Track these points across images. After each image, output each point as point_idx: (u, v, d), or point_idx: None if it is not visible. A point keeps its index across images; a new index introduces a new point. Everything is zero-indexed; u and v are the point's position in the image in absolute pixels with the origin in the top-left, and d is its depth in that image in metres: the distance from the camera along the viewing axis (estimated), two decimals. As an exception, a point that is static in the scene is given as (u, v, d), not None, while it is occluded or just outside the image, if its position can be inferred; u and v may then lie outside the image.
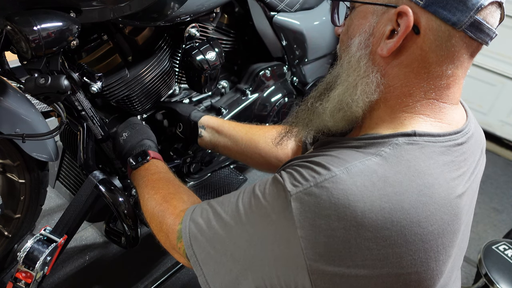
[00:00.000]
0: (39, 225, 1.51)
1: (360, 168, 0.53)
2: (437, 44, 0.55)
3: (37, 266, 0.96)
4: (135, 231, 1.15)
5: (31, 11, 0.85)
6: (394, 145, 0.55)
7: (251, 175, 1.92)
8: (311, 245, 0.52)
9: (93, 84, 1.09)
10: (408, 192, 0.52)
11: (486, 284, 1.18)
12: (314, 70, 1.79)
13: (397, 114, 0.60)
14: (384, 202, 0.51)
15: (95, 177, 1.08)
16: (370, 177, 0.52)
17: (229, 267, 0.61)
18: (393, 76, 0.59)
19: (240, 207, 0.62)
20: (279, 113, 1.65)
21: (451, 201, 0.55)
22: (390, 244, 0.51)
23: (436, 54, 0.56)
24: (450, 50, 0.56)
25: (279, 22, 1.55)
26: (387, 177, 0.52)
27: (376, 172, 0.53)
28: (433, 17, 0.54)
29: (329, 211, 0.51)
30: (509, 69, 2.40)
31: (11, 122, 1.04)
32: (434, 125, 0.59)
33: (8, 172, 1.19)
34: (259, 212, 0.58)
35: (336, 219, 0.51)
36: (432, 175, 0.54)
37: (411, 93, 0.59)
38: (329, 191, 0.52)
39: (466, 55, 0.58)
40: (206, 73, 1.29)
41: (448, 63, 0.57)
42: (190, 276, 1.47)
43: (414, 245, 0.52)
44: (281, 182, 0.57)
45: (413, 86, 0.58)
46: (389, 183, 0.52)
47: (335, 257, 0.52)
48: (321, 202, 0.52)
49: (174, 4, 1.13)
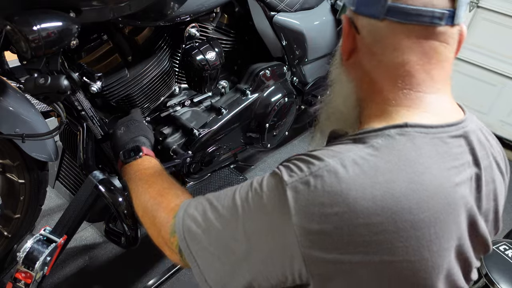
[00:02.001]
0: (39, 225, 1.51)
1: (352, 158, 0.56)
2: (373, 37, 0.62)
3: (36, 266, 0.96)
4: (135, 231, 1.15)
5: (31, 11, 0.85)
6: (386, 137, 0.58)
7: (251, 175, 1.92)
8: (305, 233, 0.54)
9: (93, 84, 1.09)
10: (399, 180, 0.54)
11: (486, 284, 1.18)
12: (314, 70, 1.79)
13: (384, 108, 0.63)
14: (375, 189, 0.53)
15: (95, 177, 1.08)
16: (362, 166, 0.55)
17: (224, 258, 0.62)
18: (361, 75, 0.66)
19: (237, 199, 0.63)
20: (279, 113, 1.65)
21: (445, 190, 0.56)
22: (381, 231, 0.53)
23: (377, 46, 0.62)
24: (385, 39, 0.61)
25: (279, 22, 1.55)
26: (378, 166, 0.55)
27: (368, 162, 0.55)
28: (361, 16, 0.63)
29: (322, 198, 0.53)
30: (509, 69, 2.40)
31: (11, 122, 1.04)
32: (422, 116, 0.61)
33: (7, 172, 1.19)
34: (256, 204, 0.60)
35: (329, 206, 0.53)
36: (423, 164, 0.56)
37: (382, 87, 0.63)
38: (323, 180, 0.54)
39: (409, 40, 0.60)
40: (206, 73, 1.29)
41: (392, 51, 0.61)
42: (190, 276, 1.47)
43: (405, 232, 0.53)
44: (278, 174, 0.59)
45: (379, 80, 0.63)
46: (380, 172, 0.55)
47: (328, 244, 0.54)
48: (315, 191, 0.54)
49: (174, 4, 1.13)
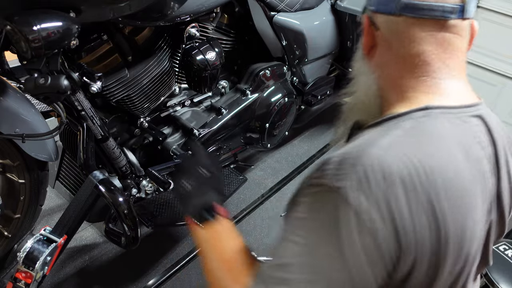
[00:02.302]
0: (39, 225, 1.51)
1: (387, 141, 0.61)
2: (391, 32, 0.68)
3: (37, 266, 0.96)
4: (135, 231, 1.15)
5: (31, 11, 0.85)
6: (411, 119, 0.64)
7: (251, 175, 1.92)
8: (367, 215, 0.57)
9: (93, 84, 1.09)
10: (437, 153, 0.60)
11: (486, 284, 1.18)
12: (314, 70, 1.79)
13: (404, 96, 0.68)
14: (416, 161, 0.58)
15: (95, 177, 1.08)
16: (397, 146, 0.60)
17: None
18: (381, 67, 0.72)
19: (294, 240, 0.61)
20: (279, 113, 1.65)
21: (471, 164, 0.62)
22: (428, 200, 0.57)
23: (395, 40, 0.68)
24: (402, 33, 0.67)
25: (279, 22, 1.55)
26: (411, 143, 0.61)
27: (401, 142, 0.61)
28: (380, 14, 0.69)
29: (372, 182, 0.57)
30: (509, 69, 2.40)
31: (11, 122, 1.04)
32: (440, 99, 0.66)
33: (8, 172, 1.19)
34: (314, 231, 0.60)
35: (377, 184, 0.57)
36: (450, 140, 0.62)
37: (401, 76, 0.69)
38: (368, 165, 0.58)
39: (423, 33, 0.66)
40: (206, 73, 1.29)
41: (409, 43, 0.67)
42: (190, 276, 1.47)
43: (453, 200, 0.59)
44: (317, 184, 0.61)
45: (398, 70, 0.69)
46: (416, 148, 0.60)
47: (388, 215, 0.56)
48: (364, 176, 0.57)
49: (174, 4, 1.13)
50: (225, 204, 1.69)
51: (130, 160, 1.32)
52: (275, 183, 1.90)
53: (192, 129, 1.39)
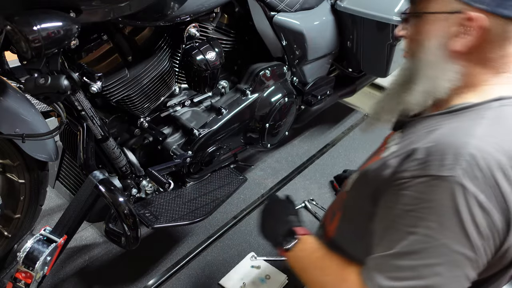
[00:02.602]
0: (39, 225, 1.51)
1: (481, 130, 0.66)
2: (498, 34, 0.70)
3: (37, 266, 0.96)
4: (135, 231, 1.15)
5: (31, 11, 0.85)
6: (491, 109, 0.69)
7: (251, 175, 1.92)
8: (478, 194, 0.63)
9: (93, 84, 1.09)
10: None
11: (486, 284, 1.18)
12: (314, 70, 1.79)
13: (478, 88, 0.73)
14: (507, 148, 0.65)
15: (95, 177, 1.08)
16: (490, 135, 0.66)
17: None
18: (468, 63, 0.73)
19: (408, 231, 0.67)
20: (279, 113, 1.65)
21: None
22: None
23: (498, 41, 0.71)
24: (507, 35, 0.71)
25: (279, 22, 1.55)
26: (500, 132, 0.67)
27: (491, 131, 0.66)
28: (492, 15, 0.69)
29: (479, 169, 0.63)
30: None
31: (11, 122, 1.04)
32: None
33: (8, 172, 1.19)
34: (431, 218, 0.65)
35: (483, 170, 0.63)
36: None
37: (486, 72, 0.73)
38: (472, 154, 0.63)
39: None
40: (206, 73, 1.29)
41: (509, 45, 0.72)
42: (190, 276, 1.47)
43: None
44: (419, 176, 0.65)
45: (486, 66, 0.73)
46: (504, 135, 0.66)
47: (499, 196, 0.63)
48: (472, 164, 0.63)
49: (174, 4, 1.13)
50: (225, 204, 1.69)
51: (130, 160, 1.32)
52: (275, 183, 1.90)
53: (192, 129, 1.39)
